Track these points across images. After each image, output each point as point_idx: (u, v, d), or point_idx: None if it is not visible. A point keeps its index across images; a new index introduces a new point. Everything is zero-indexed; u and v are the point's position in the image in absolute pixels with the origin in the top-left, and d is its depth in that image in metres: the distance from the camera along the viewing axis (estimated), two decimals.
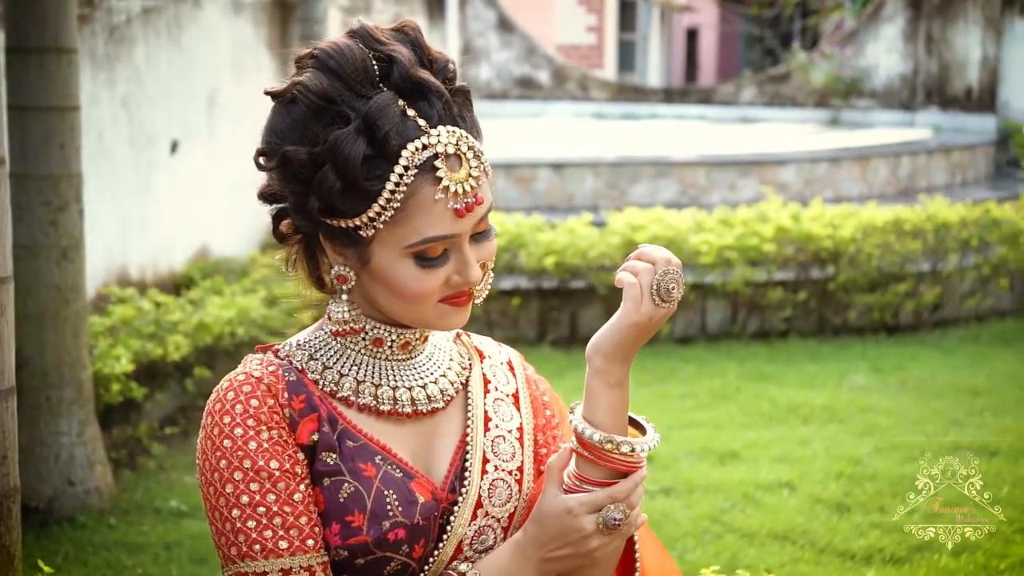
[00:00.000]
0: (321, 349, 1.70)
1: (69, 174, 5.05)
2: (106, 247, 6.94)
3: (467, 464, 1.70)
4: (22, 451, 3.57)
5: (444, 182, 1.56)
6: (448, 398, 1.73)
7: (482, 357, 1.81)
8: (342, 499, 1.61)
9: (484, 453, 1.71)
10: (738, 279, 8.62)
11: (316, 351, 1.69)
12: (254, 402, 1.61)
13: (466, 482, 1.69)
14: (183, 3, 7.81)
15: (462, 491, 1.68)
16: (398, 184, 1.56)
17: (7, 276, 3.14)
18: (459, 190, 1.57)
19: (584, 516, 1.61)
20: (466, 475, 1.69)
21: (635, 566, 1.73)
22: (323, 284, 1.69)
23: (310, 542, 1.58)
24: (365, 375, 1.69)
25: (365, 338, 1.68)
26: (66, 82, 4.98)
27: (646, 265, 1.63)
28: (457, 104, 1.62)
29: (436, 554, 1.66)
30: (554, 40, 23.38)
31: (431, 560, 1.65)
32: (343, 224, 1.59)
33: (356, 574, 1.62)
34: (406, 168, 1.56)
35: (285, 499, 1.58)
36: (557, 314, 8.70)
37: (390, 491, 1.62)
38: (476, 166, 1.60)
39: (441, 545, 1.66)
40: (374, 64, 1.58)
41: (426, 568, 1.65)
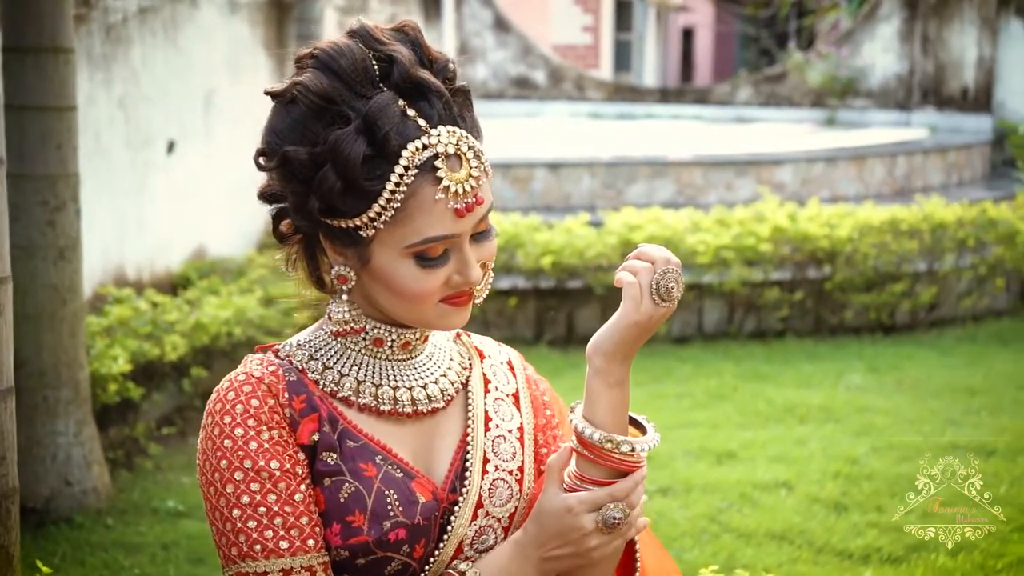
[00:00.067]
0: (321, 349, 1.69)
1: (66, 174, 5.04)
2: (103, 247, 6.94)
3: (468, 464, 1.70)
4: (19, 451, 3.56)
5: (444, 182, 1.56)
6: (448, 398, 1.72)
7: (482, 357, 1.81)
8: (343, 499, 1.60)
9: (485, 453, 1.71)
10: (735, 279, 8.63)
11: (316, 351, 1.69)
12: (255, 402, 1.61)
13: (467, 482, 1.68)
14: (179, 3, 7.81)
15: (463, 491, 1.68)
16: (398, 184, 1.56)
17: (6, 276, 3.13)
18: (459, 190, 1.57)
19: (584, 515, 1.61)
20: (467, 475, 1.69)
21: (635, 566, 1.73)
22: (323, 284, 1.69)
23: (311, 542, 1.58)
24: (365, 375, 1.68)
25: (365, 338, 1.68)
26: (63, 82, 4.97)
27: (645, 264, 1.63)
28: (457, 104, 1.62)
29: (437, 554, 1.65)
30: (550, 40, 23.40)
31: (432, 560, 1.65)
32: (343, 224, 1.59)
33: (357, 574, 1.62)
34: (406, 168, 1.55)
35: (286, 499, 1.58)
36: (554, 314, 8.70)
37: (391, 491, 1.62)
38: (476, 166, 1.60)
39: (442, 545, 1.66)
40: (374, 64, 1.58)
41: (427, 568, 1.65)
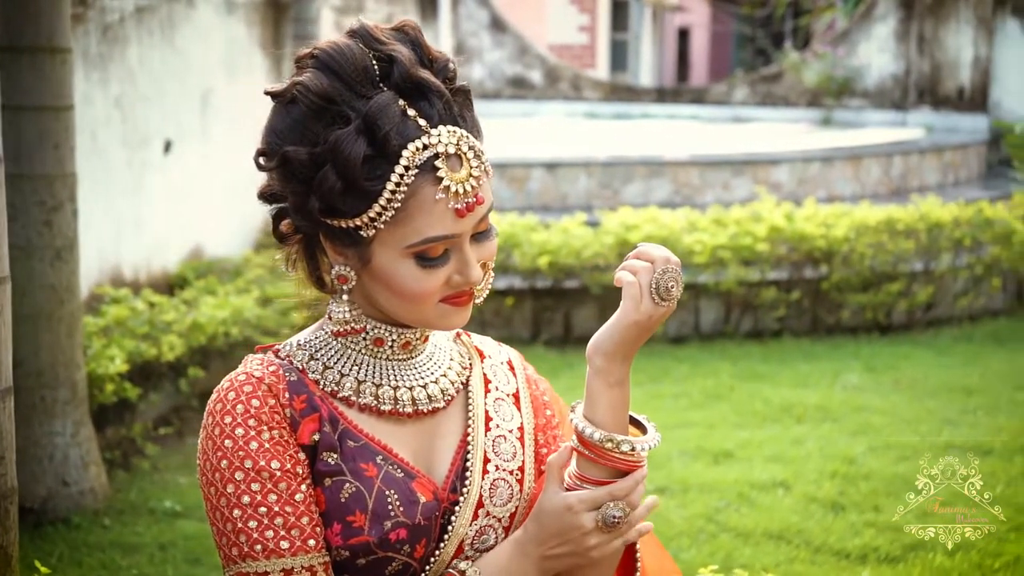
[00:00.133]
0: (322, 349, 1.69)
1: (63, 174, 5.04)
2: (99, 247, 6.93)
3: (468, 464, 1.70)
4: (16, 452, 3.56)
5: (445, 182, 1.56)
6: (449, 398, 1.72)
7: (482, 357, 1.81)
8: (343, 499, 1.60)
9: (485, 453, 1.71)
10: (731, 279, 8.63)
11: (317, 351, 1.69)
12: (255, 402, 1.61)
13: (467, 482, 1.68)
14: (176, 2, 7.80)
15: (463, 491, 1.68)
16: (399, 184, 1.55)
17: (4, 276, 3.13)
18: (460, 190, 1.57)
19: (584, 513, 1.61)
20: (467, 475, 1.69)
21: (636, 566, 1.73)
22: (323, 284, 1.69)
23: (311, 542, 1.58)
24: (366, 375, 1.68)
25: (366, 338, 1.68)
26: (60, 82, 4.97)
27: (645, 264, 1.63)
28: (458, 104, 1.62)
29: (437, 554, 1.65)
30: (546, 40, 23.40)
31: (432, 560, 1.65)
32: (344, 224, 1.59)
33: (357, 574, 1.62)
34: (407, 168, 1.55)
35: (286, 499, 1.58)
36: (551, 314, 8.69)
37: (391, 491, 1.62)
38: (477, 166, 1.60)
39: (442, 545, 1.66)
40: (374, 64, 1.58)
41: (427, 568, 1.65)
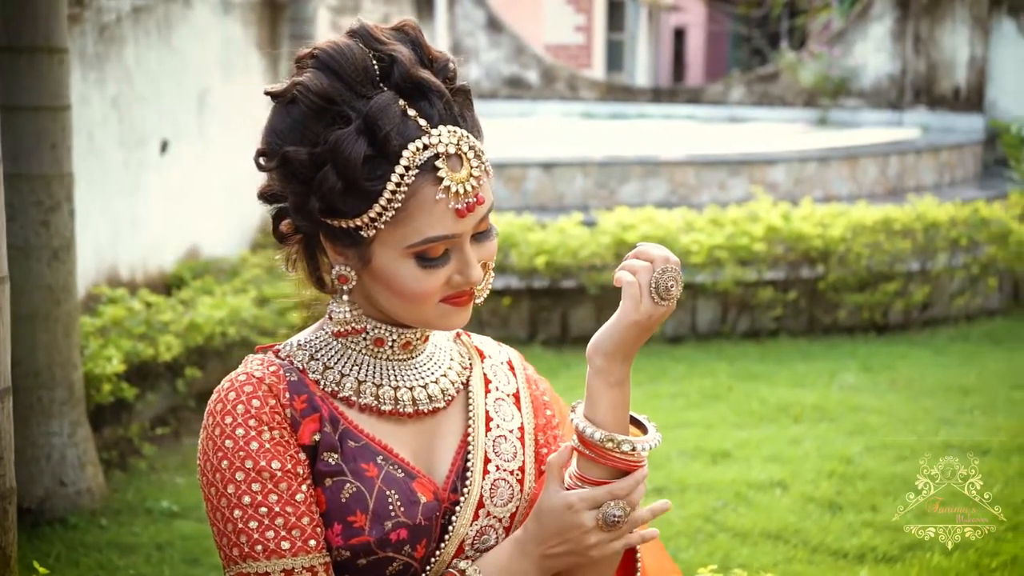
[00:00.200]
0: (322, 349, 1.69)
1: (60, 174, 5.03)
2: (96, 247, 6.93)
3: (469, 464, 1.70)
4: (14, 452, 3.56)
5: (445, 182, 1.56)
6: (449, 398, 1.72)
7: (483, 357, 1.81)
8: (344, 499, 1.60)
9: (486, 453, 1.71)
10: (728, 279, 8.63)
11: (317, 351, 1.69)
12: (256, 402, 1.61)
13: (468, 482, 1.68)
14: (173, 3, 7.79)
15: (464, 491, 1.68)
16: (399, 184, 1.55)
17: (3, 276, 3.13)
18: (460, 190, 1.57)
19: (584, 512, 1.61)
20: (468, 475, 1.69)
21: (636, 567, 1.73)
22: (323, 284, 1.69)
23: (312, 542, 1.58)
24: (366, 375, 1.68)
25: (366, 338, 1.68)
26: (58, 82, 4.96)
27: (644, 263, 1.63)
28: (458, 104, 1.62)
29: (438, 554, 1.65)
30: (543, 40, 23.38)
31: (433, 560, 1.65)
32: (344, 224, 1.59)
33: (358, 574, 1.62)
34: (407, 168, 1.55)
35: (287, 499, 1.58)
36: (548, 314, 8.69)
37: (392, 491, 1.62)
38: (477, 166, 1.60)
39: (443, 545, 1.66)
40: (374, 64, 1.58)
41: (428, 568, 1.65)
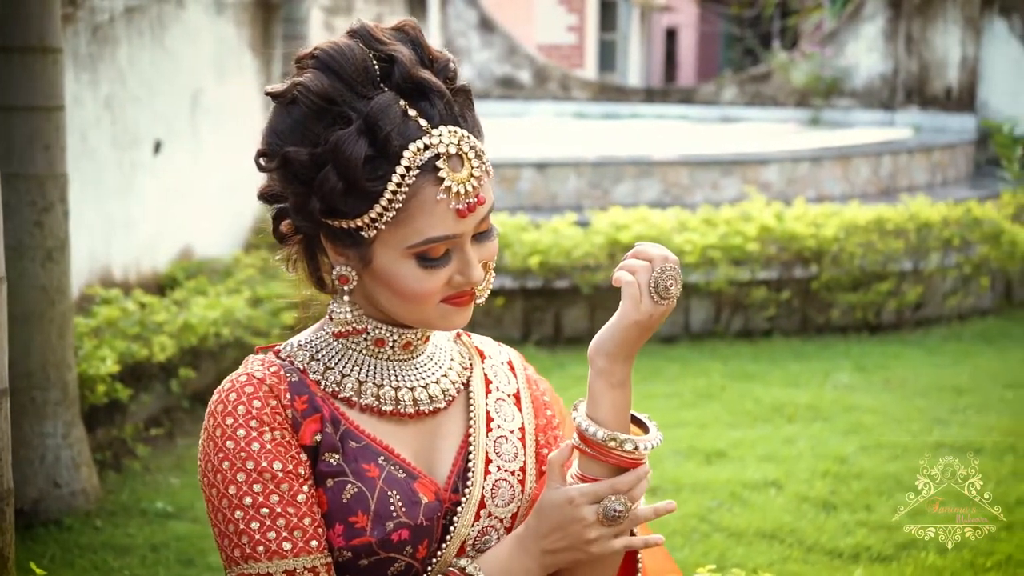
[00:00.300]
0: (322, 350, 1.69)
1: (54, 175, 5.02)
2: (89, 247, 6.91)
3: (470, 464, 1.70)
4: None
5: (446, 182, 1.56)
6: (450, 398, 1.72)
7: (483, 357, 1.81)
8: (345, 500, 1.60)
9: (487, 453, 1.71)
10: (721, 278, 8.64)
11: (317, 352, 1.69)
12: (256, 403, 1.61)
13: (469, 482, 1.68)
14: (166, 3, 7.78)
15: (465, 491, 1.68)
16: (400, 185, 1.55)
17: (1, 276, 3.12)
18: (461, 190, 1.57)
19: (585, 506, 1.60)
20: (469, 475, 1.69)
21: (637, 567, 1.73)
22: (323, 284, 1.69)
23: (314, 543, 1.58)
24: (367, 375, 1.68)
25: (367, 338, 1.68)
26: (51, 82, 4.95)
27: (643, 263, 1.63)
28: (458, 104, 1.62)
29: (439, 555, 1.65)
30: (535, 40, 23.40)
31: (434, 561, 1.65)
32: (345, 225, 1.59)
33: (360, 575, 1.61)
34: (408, 169, 1.55)
35: (288, 500, 1.58)
36: (541, 314, 8.69)
37: (393, 492, 1.62)
38: (478, 166, 1.59)
39: (444, 546, 1.65)
40: (375, 64, 1.58)
41: (429, 569, 1.65)
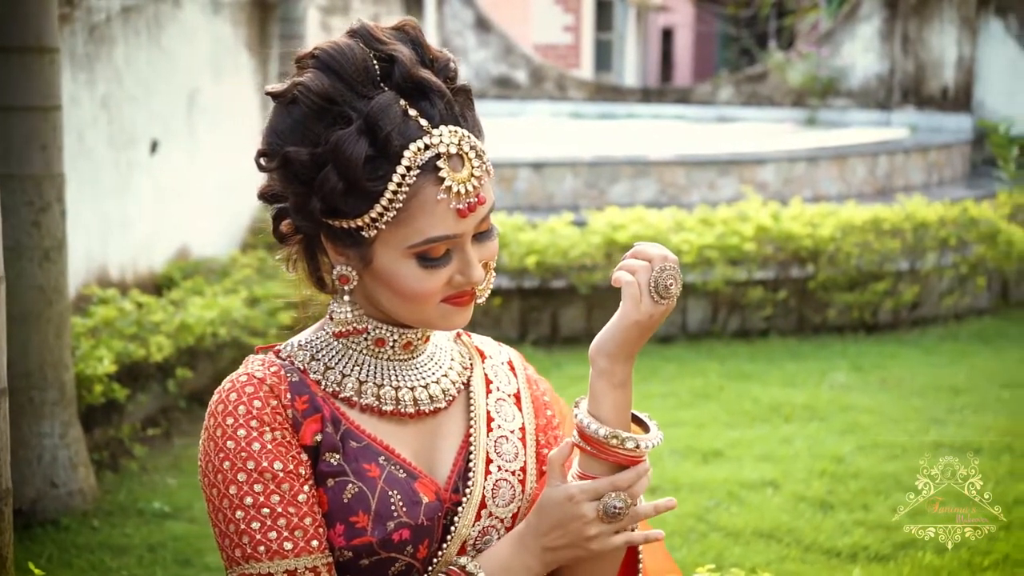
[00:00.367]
0: (323, 350, 1.69)
1: (51, 174, 5.02)
2: (86, 247, 6.91)
3: (471, 464, 1.70)
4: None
5: (446, 182, 1.56)
6: (450, 398, 1.72)
7: (483, 357, 1.81)
8: (346, 500, 1.60)
9: (487, 453, 1.71)
10: (718, 278, 8.64)
11: (318, 352, 1.69)
12: (257, 403, 1.60)
13: (470, 482, 1.68)
14: (163, 3, 7.78)
15: (466, 491, 1.68)
16: (400, 184, 1.55)
17: (0, 276, 3.12)
18: (461, 190, 1.57)
19: (585, 503, 1.60)
20: (470, 475, 1.69)
21: (638, 568, 1.73)
22: (323, 284, 1.69)
23: (315, 543, 1.58)
24: (367, 375, 1.68)
25: (367, 338, 1.68)
26: (48, 82, 4.95)
27: (643, 263, 1.63)
28: (459, 103, 1.62)
29: (440, 555, 1.65)
30: (531, 40, 23.39)
31: (435, 560, 1.65)
32: (345, 225, 1.59)
33: (360, 575, 1.61)
34: (408, 168, 1.55)
35: (289, 500, 1.58)
36: (538, 314, 8.69)
37: (394, 492, 1.62)
38: (478, 166, 1.60)
39: (445, 546, 1.65)
40: (375, 64, 1.58)
41: (430, 568, 1.65)
